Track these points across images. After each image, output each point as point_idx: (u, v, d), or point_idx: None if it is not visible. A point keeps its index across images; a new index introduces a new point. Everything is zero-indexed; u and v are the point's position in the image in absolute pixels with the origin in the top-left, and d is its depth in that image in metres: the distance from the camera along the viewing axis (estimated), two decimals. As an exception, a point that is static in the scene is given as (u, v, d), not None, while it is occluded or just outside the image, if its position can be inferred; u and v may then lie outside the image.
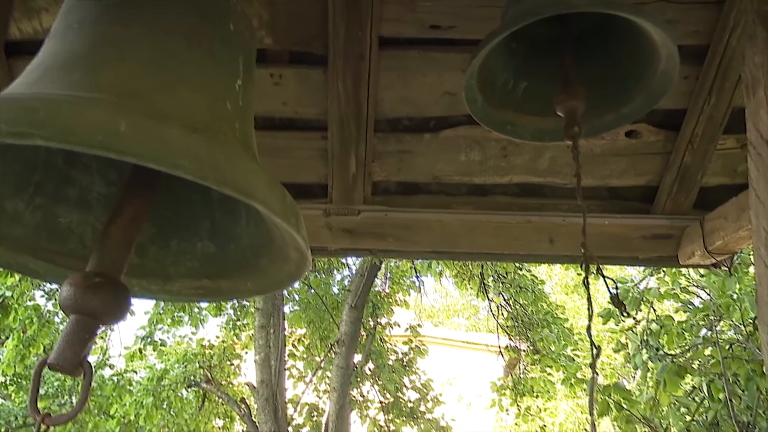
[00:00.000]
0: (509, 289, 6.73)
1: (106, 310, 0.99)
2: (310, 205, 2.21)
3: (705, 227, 1.97)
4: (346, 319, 5.11)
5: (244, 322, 7.70)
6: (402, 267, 7.57)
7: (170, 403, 6.72)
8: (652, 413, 3.12)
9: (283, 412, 5.63)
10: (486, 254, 2.42)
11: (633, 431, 3.13)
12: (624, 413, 3.08)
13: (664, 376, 2.83)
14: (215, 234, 1.38)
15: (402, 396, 7.50)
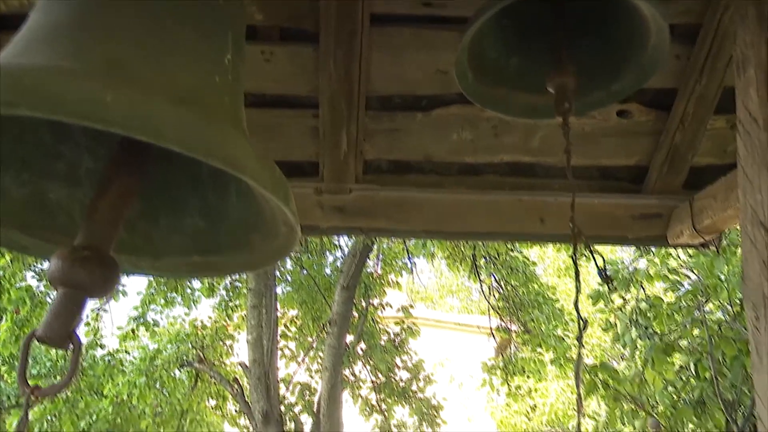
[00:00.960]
0: (500, 270, 6.77)
1: (94, 283, 0.99)
2: (302, 184, 2.21)
3: (694, 207, 1.98)
4: (338, 299, 5.12)
5: (236, 303, 7.73)
6: (394, 249, 7.59)
7: (163, 382, 6.76)
8: (640, 391, 3.16)
9: (276, 391, 5.67)
10: (477, 233, 2.43)
11: (620, 409, 3.17)
12: (611, 391, 3.12)
13: (652, 354, 2.87)
14: (205, 211, 1.38)
15: (394, 376, 7.57)
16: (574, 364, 3.27)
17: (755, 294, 1.36)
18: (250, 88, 1.94)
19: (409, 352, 7.75)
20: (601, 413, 9.23)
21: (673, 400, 3.67)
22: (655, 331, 3.27)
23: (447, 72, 2.02)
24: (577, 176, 2.21)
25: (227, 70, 1.21)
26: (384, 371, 7.46)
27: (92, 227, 1.08)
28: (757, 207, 1.38)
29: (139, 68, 1.01)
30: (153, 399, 6.83)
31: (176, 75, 1.06)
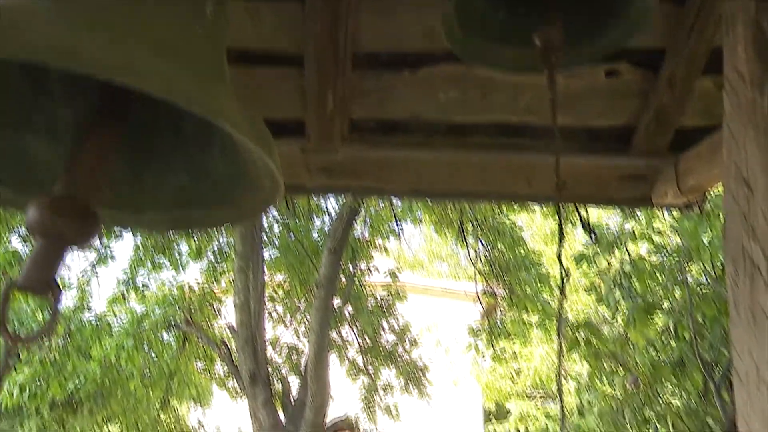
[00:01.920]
0: (487, 235, 6.81)
1: (74, 232, 0.98)
2: (287, 143, 2.19)
3: (679, 167, 1.99)
4: (325, 262, 5.14)
5: (224, 267, 7.74)
6: (381, 213, 7.60)
7: (151, 345, 6.79)
8: (621, 351, 3.22)
9: (263, 353, 5.72)
10: (464, 194, 2.43)
11: (601, 367, 3.24)
12: (593, 349, 3.17)
13: (634, 313, 2.92)
14: (188, 166, 1.37)
15: (380, 339, 7.67)
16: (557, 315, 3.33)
17: (735, 249, 1.37)
18: (234, 46, 1.90)
19: (395, 315, 7.84)
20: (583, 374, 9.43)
21: (653, 360, 3.74)
22: (638, 293, 3.32)
23: (434, 29, 1.99)
24: (564, 137, 2.22)
25: (209, 22, 1.19)
26: (371, 334, 7.56)
27: (72, 177, 1.07)
28: (741, 164, 1.38)
29: (117, 14, 0.99)
30: (141, 361, 6.88)
31: (155, 20, 1.04)
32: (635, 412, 4.06)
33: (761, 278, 1.28)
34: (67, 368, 6.46)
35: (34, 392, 6.49)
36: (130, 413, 8.46)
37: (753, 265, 1.30)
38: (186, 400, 9.16)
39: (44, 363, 6.35)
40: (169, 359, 7.53)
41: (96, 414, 8.63)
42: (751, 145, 1.40)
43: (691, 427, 3.22)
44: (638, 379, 3.10)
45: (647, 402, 3.75)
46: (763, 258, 1.28)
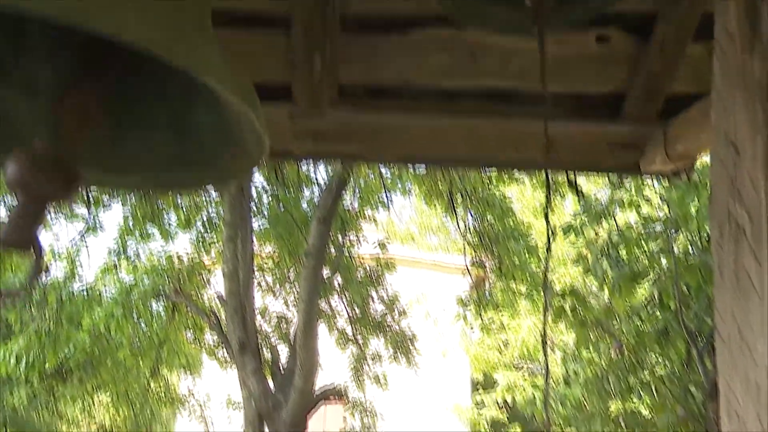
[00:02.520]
0: (477, 205, 6.83)
1: (55, 187, 0.97)
2: (274, 108, 2.16)
3: (668, 133, 1.99)
4: (314, 232, 5.13)
5: (213, 238, 7.73)
6: (371, 185, 7.58)
7: (140, 314, 6.81)
8: (606, 319, 3.26)
9: (252, 322, 5.74)
10: (453, 160, 2.42)
11: (586, 335, 3.28)
12: (578, 317, 3.21)
13: (620, 281, 2.94)
14: (172, 126, 1.35)
15: (369, 309, 7.73)
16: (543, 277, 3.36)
17: (721, 213, 1.38)
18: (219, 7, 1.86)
19: (384, 285, 7.88)
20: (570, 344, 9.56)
21: (638, 329, 3.79)
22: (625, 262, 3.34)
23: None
24: (553, 103, 2.21)
25: (192, -25, 1.16)
26: (360, 304, 7.60)
27: (52, 133, 1.07)
28: (729, 127, 1.38)
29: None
30: (130, 330, 6.89)
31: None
32: (620, 380, 4.13)
33: (746, 241, 1.28)
34: (62, 338, 6.48)
35: (32, 362, 6.52)
36: (120, 382, 8.51)
37: (738, 229, 1.31)
38: (176, 369, 9.22)
39: (39, 333, 6.36)
40: (158, 329, 7.55)
41: (86, 382, 8.68)
42: (739, 108, 1.40)
43: (673, 392, 3.28)
44: (623, 346, 3.14)
45: (631, 370, 3.82)
46: (748, 221, 1.28)
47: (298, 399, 5.38)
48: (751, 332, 1.27)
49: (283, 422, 5.47)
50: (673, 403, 3.24)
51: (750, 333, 1.28)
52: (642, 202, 3.49)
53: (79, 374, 8.47)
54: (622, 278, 2.94)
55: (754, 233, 1.26)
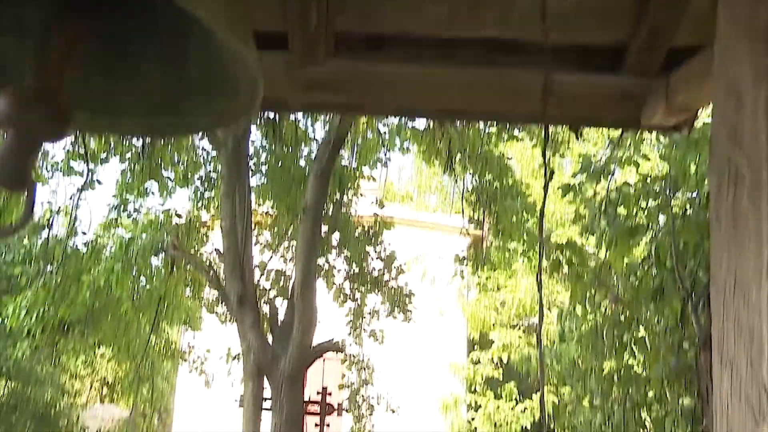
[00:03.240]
0: (476, 164, 6.80)
1: (46, 123, 0.97)
2: (270, 57, 2.12)
3: (670, 85, 1.96)
4: (312, 187, 5.11)
5: (211, 194, 7.71)
6: (369, 143, 7.53)
7: (139, 269, 6.85)
8: (603, 272, 3.29)
9: (250, 277, 5.78)
10: (452, 112, 2.39)
11: (582, 288, 3.30)
12: (575, 269, 3.23)
13: (617, 236, 2.95)
14: (165, 68, 1.34)
15: (367, 266, 7.77)
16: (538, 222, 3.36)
17: (720, 162, 1.37)
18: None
19: (382, 243, 7.92)
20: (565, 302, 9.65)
21: (633, 287, 3.81)
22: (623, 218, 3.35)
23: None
24: (553, 55, 2.16)
25: None
26: (358, 261, 7.65)
27: (42, 71, 1.05)
28: (732, 76, 1.36)
29: None
30: (130, 285, 6.95)
31: None
32: (614, 336, 4.18)
33: (745, 189, 1.28)
34: (70, 293, 6.55)
35: (41, 315, 6.60)
36: (121, 336, 8.62)
37: (737, 176, 1.30)
38: (176, 324, 9.33)
39: (48, 289, 6.42)
40: (157, 284, 7.61)
41: (87, 337, 8.80)
42: (743, 56, 1.37)
43: (666, 345, 3.33)
44: (619, 299, 3.16)
45: (626, 326, 3.86)
46: (747, 168, 1.27)
47: (297, 352, 5.46)
48: (747, 279, 1.28)
49: (281, 375, 5.56)
50: (665, 354, 3.29)
51: (745, 279, 1.28)
52: (641, 161, 3.47)
53: (81, 328, 8.58)
54: (620, 233, 2.94)
55: (754, 180, 1.25)
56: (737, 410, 1.33)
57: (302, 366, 5.62)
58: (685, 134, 2.91)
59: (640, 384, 4.54)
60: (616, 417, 4.85)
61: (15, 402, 10.74)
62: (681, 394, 3.98)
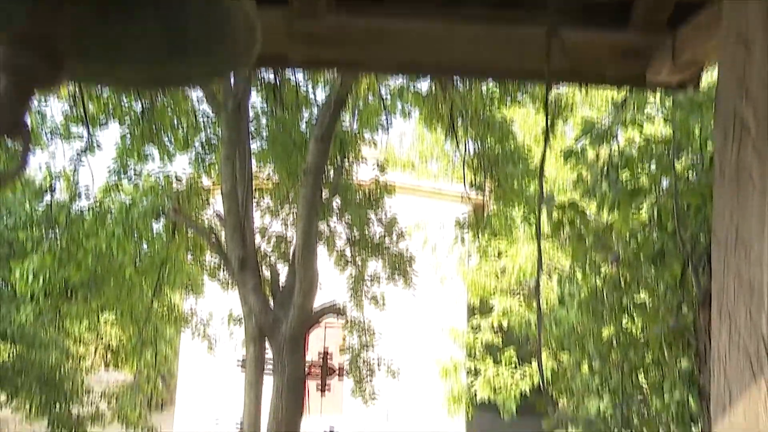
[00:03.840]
0: (477, 127, 6.74)
1: (40, 69, 0.95)
2: (269, 10, 2.07)
3: (676, 41, 1.92)
4: (312, 150, 5.08)
5: (212, 159, 7.68)
6: (370, 107, 7.46)
7: (141, 234, 6.86)
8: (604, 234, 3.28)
9: (251, 240, 5.79)
10: (454, 68, 2.36)
11: (583, 249, 3.30)
12: (576, 229, 3.22)
13: (619, 197, 2.93)
14: (161, 16, 1.31)
15: (368, 231, 7.78)
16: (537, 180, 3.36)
17: (726, 113, 1.35)
18: None
19: (383, 208, 7.91)
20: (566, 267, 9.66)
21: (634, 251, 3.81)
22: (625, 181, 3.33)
23: None
24: (559, 10, 2.12)
25: None
26: (359, 226, 7.65)
27: (35, 15, 1.03)
28: (741, 26, 1.33)
29: None
30: (132, 249, 6.97)
31: None
32: (614, 298, 4.20)
33: (750, 138, 1.26)
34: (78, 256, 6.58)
35: (48, 279, 6.63)
36: (123, 301, 8.68)
37: (743, 127, 1.28)
38: (178, 289, 9.39)
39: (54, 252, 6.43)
40: (159, 248, 7.63)
41: (90, 301, 8.86)
42: (753, 5, 1.34)
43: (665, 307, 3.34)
44: (620, 259, 3.17)
45: (626, 289, 3.88)
46: (753, 118, 1.26)
47: (298, 315, 5.50)
48: (749, 230, 1.27)
49: (283, 337, 5.61)
50: (664, 315, 3.31)
51: (747, 231, 1.28)
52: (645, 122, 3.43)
53: (84, 292, 8.63)
54: (622, 194, 2.93)
55: (760, 130, 1.24)
56: (735, 363, 1.34)
57: (303, 329, 5.67)
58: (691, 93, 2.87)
59: (638, 348, 4.57)
60: (613, 381, 4.91)
61: (20, 366, 10.89)
62: (678, 357, 4.02)
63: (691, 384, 3.77)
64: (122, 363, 13.80)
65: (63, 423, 10.72)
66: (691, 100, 3.27)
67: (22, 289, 6.67)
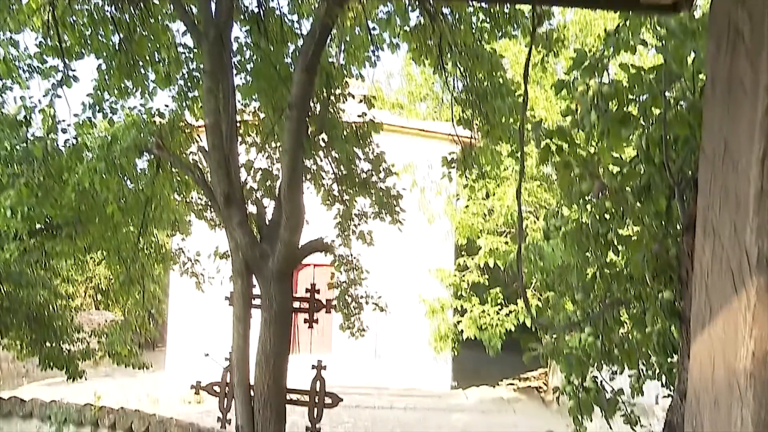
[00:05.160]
0: (467, 60, 6.60)
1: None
2: None
3: (671, -46, 1.84)
4: (297, 81, 4.94)
5: (195, 95, 7.51)
6: (357, 40, 7.27)
7: (124, 170, 6.75)
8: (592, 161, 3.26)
9: (237, 175, 5.72)
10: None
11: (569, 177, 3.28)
12: (564, 157, 3.19)
13: (608, 124, 2.89)
14: None
15: (355, 167, 7.72)
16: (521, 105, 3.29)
17: (720, 22, 1.30)
18: None
19: (371, 144, 7.83)
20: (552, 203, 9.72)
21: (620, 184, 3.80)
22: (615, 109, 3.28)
23: None
24: None
25: None
26: (345, 162, 7.59)
27: None
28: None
29: None
30: (116, 186, 6.88)
31: None
32: (599, 234, 4.22)
33: (743, 47, 1.21)
34: (54, 193, 6.44)
35: (26, 214, 6.47)
36: (109, 240, 8.65)
37: (737, 34, 1.23)
38: (165, 228, 9.36)
39: (31, 186, 6.28)
40: (144, 186, 7.54)
41: (76, 239, 8.82)
42: None
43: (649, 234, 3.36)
44: (605, 186, 3.15)
45: (611, 221, 3.89)
46: (748, 23, 1.21)
47: (285, 250, 5.49)
48: (738, 142, 1.24)
49: (270, 272, 5.62)
50: (648, 242, 3.33)
51: (736, 143, 1.25)
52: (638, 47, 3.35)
53: (69, 230, 8.58)
54: (611, 122, 2.88)
55: (754, 37, 1.19)
56: (717, 277, 1.34)
57: (291, 264, 5.67)
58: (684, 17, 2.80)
59: (621, 281, 4.63)
60: (595, 315, 5.00)
61: (9, 304, 10.93)
62: (661, 290, 4.07)
63: (672, 315, 3.84)
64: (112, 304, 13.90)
65: (54, 360, 10.86)
66: (684, 27, 3.19)
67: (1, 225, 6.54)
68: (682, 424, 2.65)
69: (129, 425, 9.40)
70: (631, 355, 4.87)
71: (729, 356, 1.17)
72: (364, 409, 16.93)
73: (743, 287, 1.18)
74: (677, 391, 2.92)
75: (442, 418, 16.31)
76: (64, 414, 9.94)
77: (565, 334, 5.39)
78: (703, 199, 1.37)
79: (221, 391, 6.64)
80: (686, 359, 2.77)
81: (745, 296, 1.17)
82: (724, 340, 1.21)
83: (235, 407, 6.04)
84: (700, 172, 1.39)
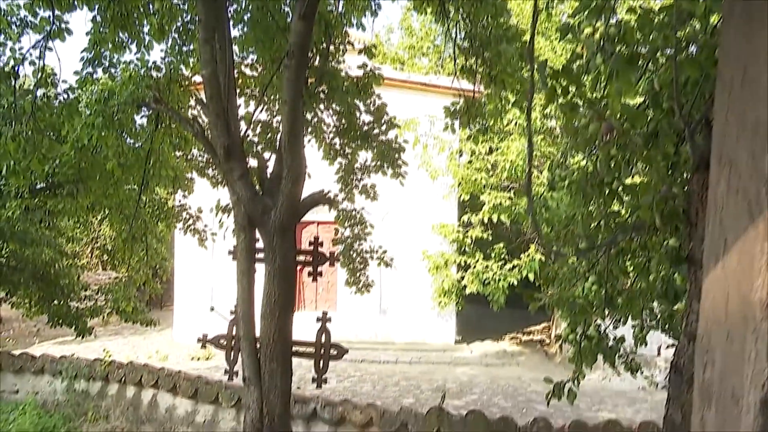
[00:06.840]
0: (470, 4, 6.40)
1: None
2: None
3: None
4: (295, 29, 4.80)
5: (191, 48, 7.36)
6: (357, -13, 7.07)
7: (122, 125, 6.67)
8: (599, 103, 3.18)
9: (236, 127, 5.63)
10: None
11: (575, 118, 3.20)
12: (569, 99, 3.11)
13: (616, 66, 2.80)
14: None
15: (356, 119, 7.60)
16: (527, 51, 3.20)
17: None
18: None
19: (372, 96, 7.69)
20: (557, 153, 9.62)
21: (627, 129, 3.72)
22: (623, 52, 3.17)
23: None
24: None
25: None
26: (346, 115, 7.47)
27: None
28: None
29: None
30: (115, 143, 6.80)
31: None
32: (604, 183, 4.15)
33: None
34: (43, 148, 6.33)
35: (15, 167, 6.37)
36: (111, 196, 8.62)
37: (760, -52, 1.15)
38: (166, 185, 9.33)
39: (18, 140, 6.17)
40: (143, 142, 7.47)
41: (78, 197, 8.80)
42: None
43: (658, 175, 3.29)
44: (613, 127, 3.07)
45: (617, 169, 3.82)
46: (773, -65, 1.13)
47: (287, 203, 5.45)
48: (757, 68, 1.18)
49: (273, 225, 5.59)
50: (656, 184, 3.27)
51: (755, 67, 1.18)
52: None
53: (69, 188, 8.55)
54: (619, 62, 2.79)
55: (779, -52, 1.11)
56: (732, 208, 1.29)
57: (293, 217, 5.64)
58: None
59: (626, 230, 4.58)
60: (600, 264, 4.98)
61: (15, 263, 11.00)
62: (666, 238, 4.03)
63: (678, 262, 3.81)
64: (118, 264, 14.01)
65: (63, 317, 10.99)
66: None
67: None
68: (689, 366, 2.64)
69: (138, 379, 9.58)
70: (633, 303, 4.86)
71: (744, 288, 1.13)
72: (371, 363, 17.20)
73: (761, 215, 1.13)
74: (684, 334, 2.91)
75: (447, 371, 16.57)
76: (75, 369, 10.11)
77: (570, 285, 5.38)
78: (719, 128, 1.31)
79: (227, 344, 6.71)
80: (694, 301, 2.75)
81: (762, 226, 1.13)
82: (739, 273, 1.17)
83: (242, 360, 6.10)
84: (716, 100, 1.32)
